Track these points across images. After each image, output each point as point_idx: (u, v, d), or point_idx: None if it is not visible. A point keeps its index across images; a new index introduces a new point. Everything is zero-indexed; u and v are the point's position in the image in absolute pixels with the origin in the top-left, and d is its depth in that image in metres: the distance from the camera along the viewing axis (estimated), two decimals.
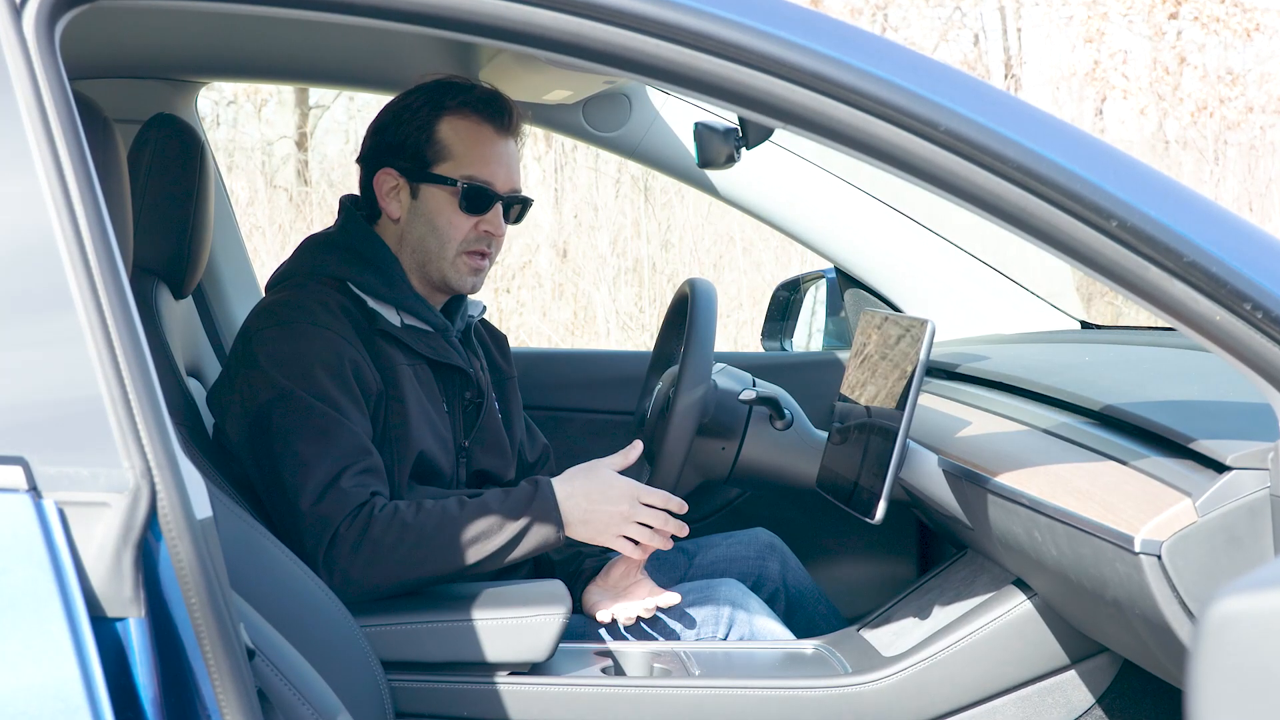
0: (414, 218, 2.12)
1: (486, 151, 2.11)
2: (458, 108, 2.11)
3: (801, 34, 1.30)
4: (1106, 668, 1.96)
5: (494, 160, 2.11)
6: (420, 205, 2.12)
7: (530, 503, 1.95)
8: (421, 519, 1.92)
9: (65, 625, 1.12)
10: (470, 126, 2.11)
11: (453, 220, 2.10)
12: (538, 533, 1.94)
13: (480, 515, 1.93)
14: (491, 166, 2.11)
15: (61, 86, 1.20)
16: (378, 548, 1.90)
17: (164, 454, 1.16)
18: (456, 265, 2.12)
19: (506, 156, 2.13)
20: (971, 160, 1.31)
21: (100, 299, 1.17)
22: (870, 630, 2.14)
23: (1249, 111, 10.30)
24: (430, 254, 2.12)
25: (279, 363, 1.99)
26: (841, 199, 2.75)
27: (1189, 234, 1.31)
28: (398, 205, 2.14)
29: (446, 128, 2.11)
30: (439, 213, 2.11)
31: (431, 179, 2.11)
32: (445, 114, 2.11)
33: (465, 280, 2.13)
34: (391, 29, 1.28)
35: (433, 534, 1.91)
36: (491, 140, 2.12)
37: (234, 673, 1.18)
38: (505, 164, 2.13)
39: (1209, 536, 1.46)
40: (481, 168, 2.11)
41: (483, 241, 2.12)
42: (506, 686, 1.88)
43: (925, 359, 1.96)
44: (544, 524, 1.94)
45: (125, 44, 2.49)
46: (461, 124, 2.11)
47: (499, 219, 2.12)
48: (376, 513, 1.92)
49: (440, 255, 2.11)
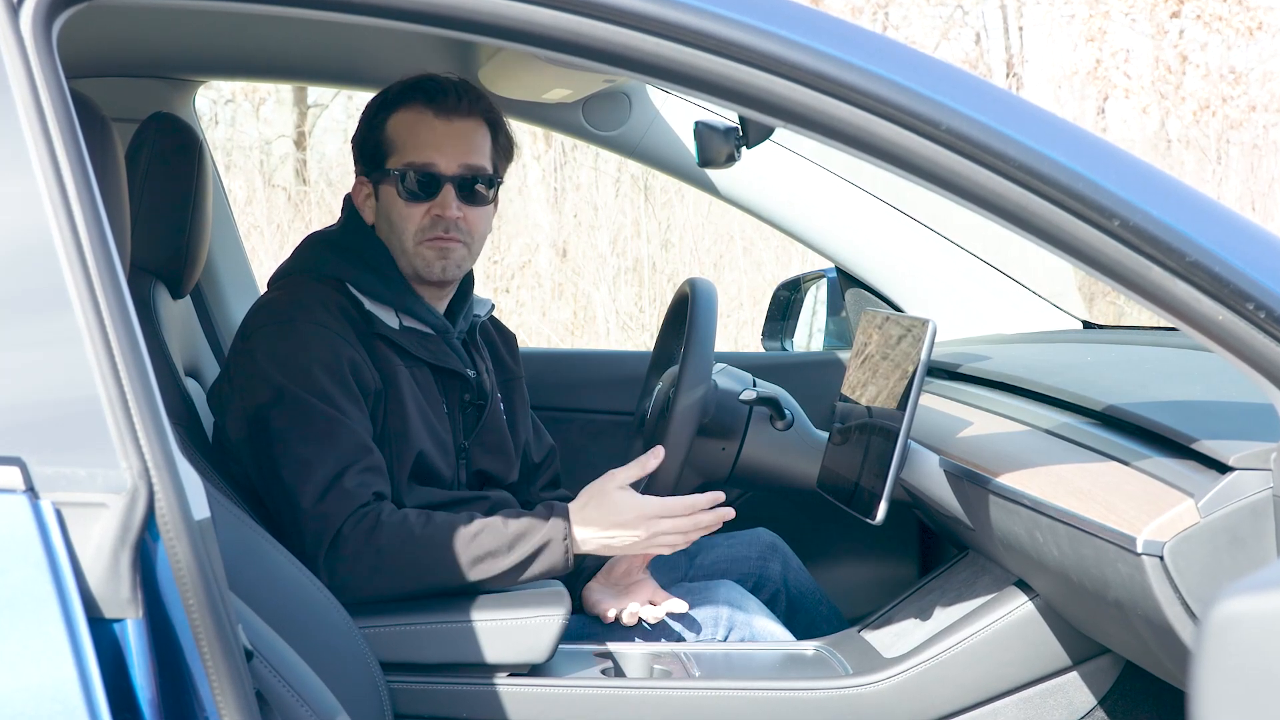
0: (380, 220, 2.13)
1: (426, 136, 2.09)
2: (402, 101, 2.11)
3: (802, 32, 1.30)
4: (1108, 669, 1.96)
5: (434, 143, 2.08)
6: (381, 205, 2.12)
7: (541, 529, 1.93)
8: (430, 532, 1.91)
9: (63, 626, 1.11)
10: (412, 116, 2.10)
11: (403, 211, 2.09)
12: (546, 560, 1.92)
13: (489, 536, 1.91)
14: (432, 150, 2.08)
15: (59, 85, 1.20)
16: (381, 556, 1.89)
17: (162, 454, 1.16)
18: (420, 254, 2.09)
19: (451, 137, 2.09)
20: (973, 159, 1.30)
21: (98, 299, 1.17)
22: (871, 631, 2.14)
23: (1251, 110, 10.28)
24: (395, 249, 2.11)
25: (277, 361, 1.98)
26: (842, 198, 2.74)
27: (1191, 233, 1.31)
28: (370, 210, 2.14)
29: (393, 122, 2.11)
30: (391, 206, 2.10)
31: (383, 175, 2.11)
32: (392, 110, 2.11)
33: (433, 266, 2.09)
34: (390, 27, 1.28)
35: (439, 550, 1.90)
36: (431, 124, 2.09)
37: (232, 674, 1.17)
38: (451, 144, 2.09)
39: (1211, 537, 1.46)
40: (420, 152, 2.08)
41: (439, 226, 2.08)
42: (506, 688, 1.88)
43: (926, 359, 1.95)
44: (555, 551, 1.92)
45: (123, 42, 2.49)
46: (405, 115, 2.11)
47: (448, 199, 2.08)
48: (384, 519, 1.91)
49: (403, 249, 2.10)
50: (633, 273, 7.84)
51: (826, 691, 1.93)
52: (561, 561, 1.93)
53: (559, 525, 1.93)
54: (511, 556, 1.91)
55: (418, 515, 1.93)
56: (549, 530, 1.92)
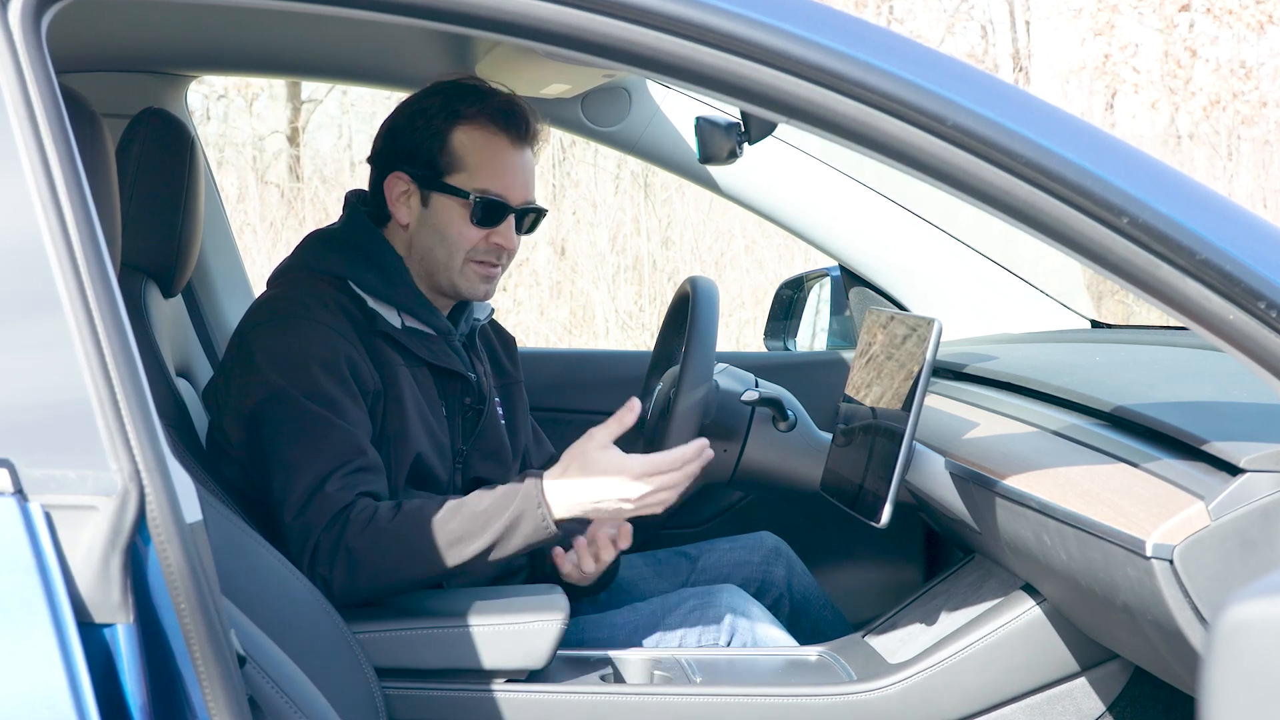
0: (423, 226, 2.10)
1: (501, 164, 2.08)
2: (474, 116, 2.07)
3: (805, 27, 1.29)
4: (1117, 675, 1.95)
5: (508, 173, 2.08)
6: (430, 214, 2.09)
7: (514, 502, 1.87)
8: (398, 523, 1.87)
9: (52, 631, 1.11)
10: (485, 137, 2.07)
11: (463, 232, 2.08)
12: (525, 530, 1.86)
13: (462, 516, 1.87)
14: (506, 179, 2.08)
15: (48, 80, 1.19)
16: (353, 555, 1.86)
17: (153, 456, 1.15)
18: (465, 274, 2.09)
19: (522, 168, 2.10)
20: (979, 156, 1.29)
21: (88, 298, 1.16)
22: (876, 636, 2.13)
23: (1263, 106, 10.24)
24: (438, 263, 2.09)
25: (274, 360, 1.97)
26: (846, 195, 2.73)
27: (1202, 231, 1.30)
28: (407, 211, 2.11)
29: (461, 137, 2.07)
30: (449, 224, 2.08)
31: (444, 189, 2.08)
32: (460, 122, 2.08)
33: (477, 288, 2.10)
34: (386, 22, 1.26)
35: (411, 538, 1.87)
36: (506, 151, 2.08)
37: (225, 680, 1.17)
38: (520, 176, 2.09)
39: (1222, 540, 1.45)
40: (495, 181, 2.07)
41: (493, 253, 2.09)
42: (503, 694, 1.87)
43: (932, 359, 1.94)
44: (530, 521, 1.86)
45: (113, 37, 2.48)
46: (477, 134, 2.08)
47: (511, 232, 2.09)
48: (352, 516, 1.88)
49: (448, 265, 2.09)
50: (632, 271, 7.83)
51: (830, 698, 1.92)
52: (541, 530, 1.85)
53: (531, 494, 1.86)
54: (487, 535, 1.85)
55: (387, 508, 1.89)
56: (521, 501, 1.86)
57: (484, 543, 1.86)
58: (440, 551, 1.86)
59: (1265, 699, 1.04)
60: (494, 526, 1.86)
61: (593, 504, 1.87)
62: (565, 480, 1.87)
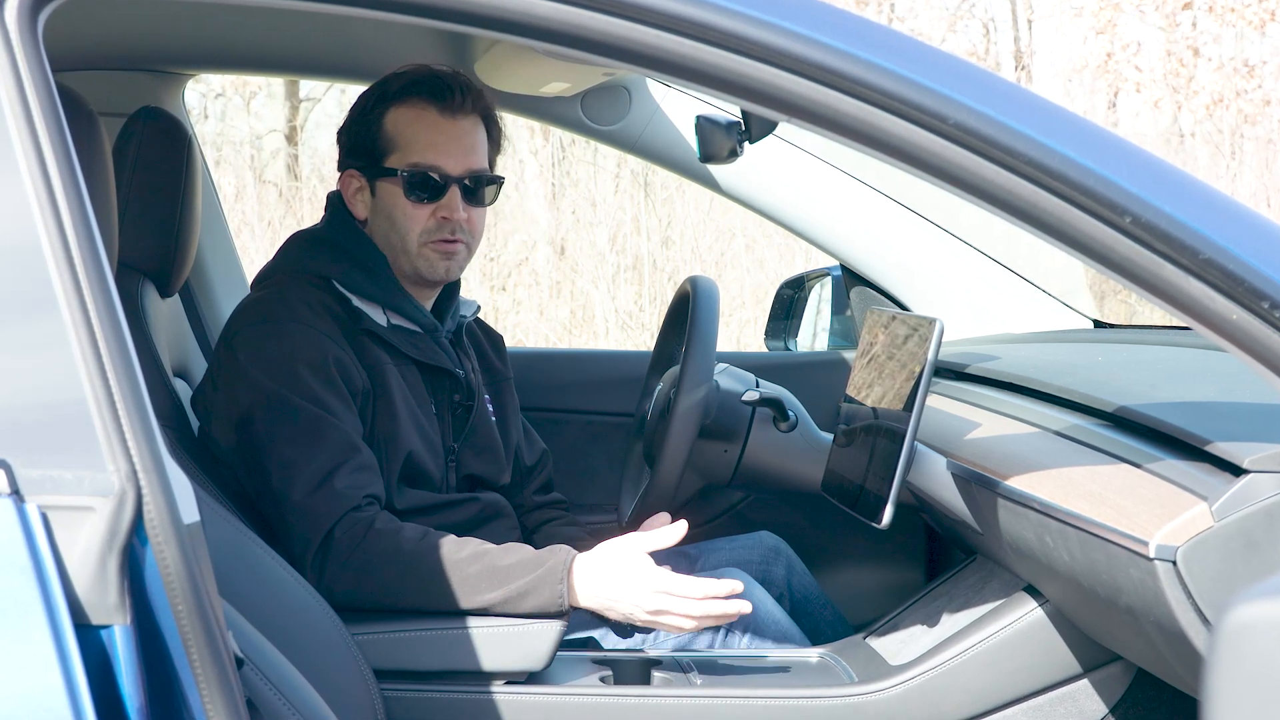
0: (377, 216, 2.10)
1: (431, 136, 2.06)
2: (402, 95, 2.07)
3: (806, 24, 1.28)
4: (1120, 676, 1.94)
5: (439, 143, 2.06)
6: (379, 203, 2.10)
7: (539, 568, 1.87)
8: (422, 548, 1.87)
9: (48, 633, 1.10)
10: (414, 113, 2.07)
11: (407, 212, 2.06)
12: (538, 600, 1.86)
13: (484, 564, 1.87)
14: (439, 150, 2.06)
15: (45, 79, 1.19)
16: (368, 565, 1.87)
17: (150, 457, 1.15)
18: (424, 256, 2.08)
19: (458, 136, 2.07)
20: (981, 155, 1.29)
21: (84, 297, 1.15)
22: (877, 638, 2.12)
23: (1266, 104, 10.22)
24: (397, 249, 2.09)
25: (262, 363, 1.96)
26: (847, 194, 2.73)
27: (1205, 230, 1.29)
28: (363, 206, 2.12)
29: (392, 118, 2.08)
30: (394, 206, 2.08)
31: (383, 173, 2.08)
32: (391, 105, 2.08)
33: (437, 267, 2.08)
34: (384, 20, 1.25)
35: (428, 569, 1.87)
36: (435, 123, 2.06)
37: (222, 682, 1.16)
38: (457, 144, 2.07)
39: (1225, 541, 1.44)
40: (426, 153, 2.06)
41: (445, 229, 2.06)
42: (502, 696, 1.86)
43: (933, 359, 1.93)
44: (547, 593, 1.85)
45: (110, 35, 2.48)
46: (407, 111, 2.07)
47: (455, 202, 2.06)
48: (377, 526, 1.89)
49: (405, 249, 2.08)
50: (632, 271, 7.82)
51: (831, 700, 1.92)
52: (553, 604, 1.86)
53: (556, 570, 1.86)
54: (501, 591, 1.86)
55: (413, 530, 1.90)
56: (546, 573, 1.87)
57: (496, 597, 1.86)
58: (453, 589, 1.86)
59: (1268, 701, 1.04)
60: (511, 585, 1.86)
61: (609, 601, 1.89)
62: (593, 569, 1.88)
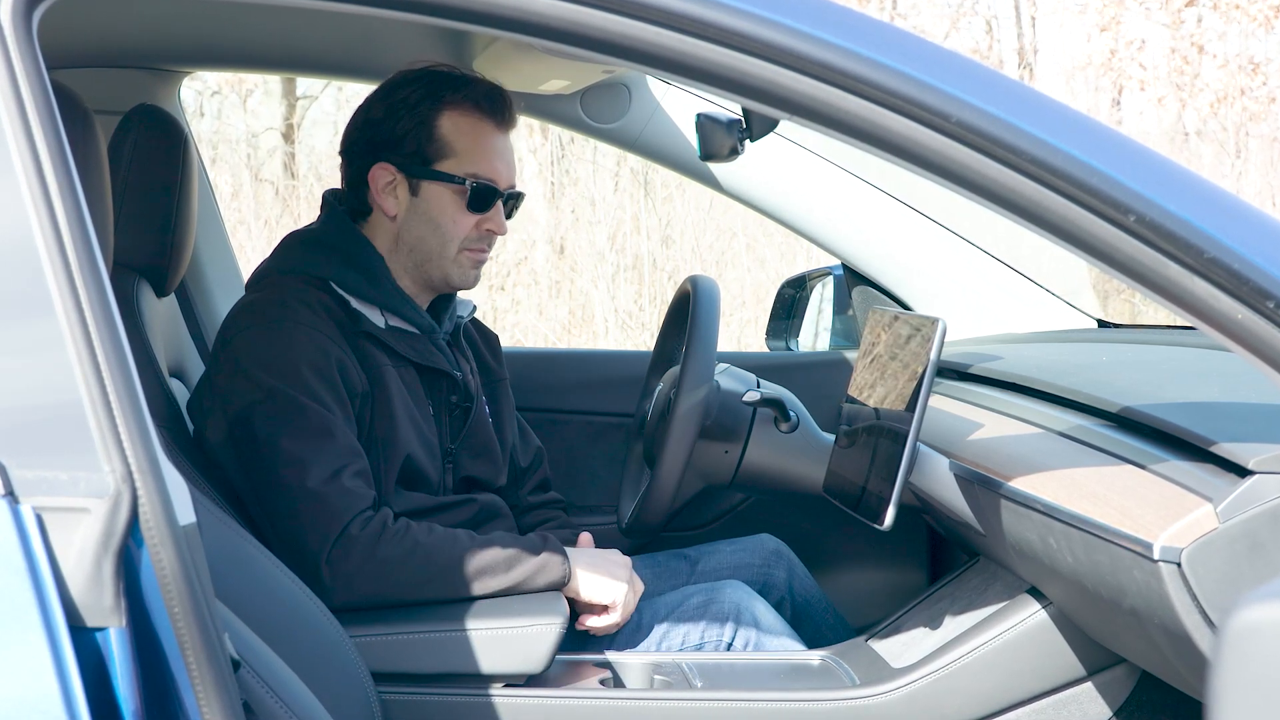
0: (413, 215, 2.10)
1: (490, 148, 2.10)
2: (459, 102, 2.09)
3: (808, 21, 1.27)
4: (1124, 679, 1.94)
5: (496, 157, 2.11)
6: (421, 203, 2.09)
7: (541, 552, 1.97)
8: (435, 540, 1.92)
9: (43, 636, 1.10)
10: (472, 122, 2.09)
11: (456, 219, 2.09)
12: (547, 573, 1.96)
13: (492, 550, 1.93)
14: (495, 164, 2.10)
15: (40, 76, 1.18)
16: (387, 563, 1.88)
17: (146, 457, 1.15)
18: (459, 262, 2.11)
19: (507, 153, 2.13)
20: (984, 153, 1.28)
21: (80, 297, 1.15)
22: (879, 640, 2.12)
23: (1271, 102, 10.20)
24: (430, 252, 2.09)
25: (263, 363, 1.95)
26: (849, 193, 2.72)
27: (1210, 229, 1.29)
28: (394, 202, 2.10)
29: (448, 123, 2.08)
30: (442, 211, 2.08)
31: (434, 175, 2.08)
32: (445, 108, 2.09)
33: (468, 275, 2.12)
34: (383, 17, 1.25)
35: (444, 559, 1.91)
36: (493, 136, 2.11)
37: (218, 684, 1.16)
38: (506, 161, 2.13)
39: (1230, 543, 1.44)
40: (485, 165, 2.09)
41: (484, 240, 2.11)
42: (501, 699, 1.86)
43: (936, 359, 1.92)
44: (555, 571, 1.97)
45: (106, 32, 2.47)
46: (463, 120, 2.09)
47: (501, 217, 2.12)
48: (390, 525, 1.91)
49: (442, 254, 2.09)
50: (632, 270, 7.81)
51: (833, 703, 1.91)
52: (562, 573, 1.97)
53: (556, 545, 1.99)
54: (517, 571, 1.93)
55: (420, 525, 1.94)
56: (551, 547, 1.98)
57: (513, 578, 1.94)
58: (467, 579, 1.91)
59: (1274, 704, 1.04)
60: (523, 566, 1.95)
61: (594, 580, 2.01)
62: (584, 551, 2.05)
